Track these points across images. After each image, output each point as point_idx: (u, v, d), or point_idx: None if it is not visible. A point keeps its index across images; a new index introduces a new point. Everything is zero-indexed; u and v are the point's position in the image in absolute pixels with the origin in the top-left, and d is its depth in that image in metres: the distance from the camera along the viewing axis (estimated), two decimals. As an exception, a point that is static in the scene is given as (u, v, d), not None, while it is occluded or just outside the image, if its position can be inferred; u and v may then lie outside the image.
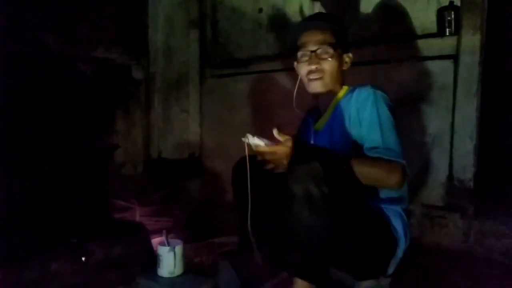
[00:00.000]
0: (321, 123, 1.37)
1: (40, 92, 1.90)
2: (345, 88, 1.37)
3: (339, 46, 1.33)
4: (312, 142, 1.38)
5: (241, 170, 1.26)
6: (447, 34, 1.78)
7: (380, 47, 1.98)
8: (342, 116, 1.27)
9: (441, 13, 1.80)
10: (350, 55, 1.39)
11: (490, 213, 1.82)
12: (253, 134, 1.16)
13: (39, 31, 1.95)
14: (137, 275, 1.39)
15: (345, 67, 1.37)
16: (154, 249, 1.57)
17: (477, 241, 1.72)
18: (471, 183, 1.75)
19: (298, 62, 1.37)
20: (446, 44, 1.79)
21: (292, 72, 1.52)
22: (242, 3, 2.55)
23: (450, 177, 1.80)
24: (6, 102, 1.72)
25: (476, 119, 1.73)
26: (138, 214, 2.07)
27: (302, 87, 1.38)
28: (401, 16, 1.94)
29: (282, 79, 2.29)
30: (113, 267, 1.47)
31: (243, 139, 1.16)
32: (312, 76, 1.32)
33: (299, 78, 1.38)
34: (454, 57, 1.77)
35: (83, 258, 1.43)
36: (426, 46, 1.85)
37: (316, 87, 1.33)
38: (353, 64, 1.39)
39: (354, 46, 1.99)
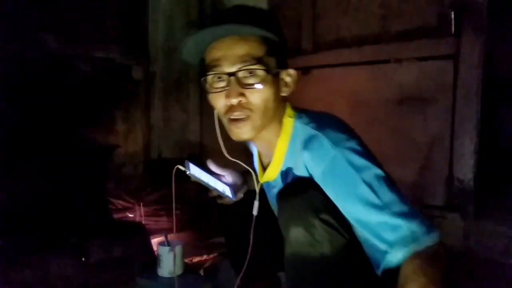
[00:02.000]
0: (271, 172, 0.96)
1: (40, 92, 1.90)
2: (290, 119, 0.90)
3: (275, 61, 0.84)
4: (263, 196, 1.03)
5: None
6: (447, 34, 1.78)
7: (380, 47, 1.98)
8: (300, 162, 0.87)
9: (441, 13, 1.80)
10: (291, 71, 0.88)
11: (490, 213, 1.82)
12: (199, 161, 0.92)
13: (39, 31, 1.95)
14: (137, 275, 1.39)
15: (285, 91, 0.87)
16: (154, 249, 1.57)
17: (477, 241, 1.72)
18: (471, 183, 1.75)
19: (208, 92, 0.86)
20: (446, 44, 1.78)
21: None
22: (242, 3, 2.54)
23: (450, 177, 1.80)
24: (6, 102, 1.72)
25: (476, 119, 1.73)
26: (138, 214, 2.07)
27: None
28: (401, 15, 1.94)
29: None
30: (113, 267, 1.47)
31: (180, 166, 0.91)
32: (234, 116, 0.84)
33: (215, 112, 0.90)
34: (454, 57, 1.76)
35: (83, 258, 1.43)
36: (426, 46, 1.85)
37: (241, 133, 0.85)
38: (353, 64, 1.28)
39: (354, 45, 2.02)
